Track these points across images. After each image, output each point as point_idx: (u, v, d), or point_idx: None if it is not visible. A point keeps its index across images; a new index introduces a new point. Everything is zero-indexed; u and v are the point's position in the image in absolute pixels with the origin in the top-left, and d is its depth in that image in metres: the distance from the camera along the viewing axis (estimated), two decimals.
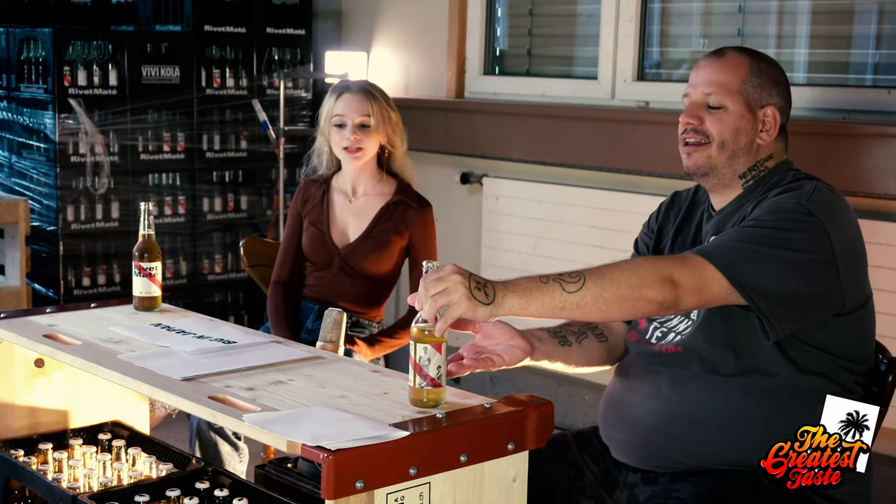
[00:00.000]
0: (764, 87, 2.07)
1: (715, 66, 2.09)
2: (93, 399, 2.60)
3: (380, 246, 3.02)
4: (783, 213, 1.94)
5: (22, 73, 4.66)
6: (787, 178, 2.07)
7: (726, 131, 2.06)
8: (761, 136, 2.07)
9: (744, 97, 2.06)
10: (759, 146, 2.08)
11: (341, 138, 3.00)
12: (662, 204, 2.32)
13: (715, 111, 2.07)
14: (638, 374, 2.13)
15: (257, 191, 5.07)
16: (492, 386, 4.42)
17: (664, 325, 2.15)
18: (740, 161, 2.08)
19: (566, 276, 1.83)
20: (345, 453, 1.61)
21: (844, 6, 3.62)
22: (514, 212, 4.31)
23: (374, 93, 3.01)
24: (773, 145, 2.10)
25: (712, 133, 2.07)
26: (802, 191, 1.99)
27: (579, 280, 1.82)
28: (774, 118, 2.07)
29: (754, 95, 2.07)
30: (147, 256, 2.54)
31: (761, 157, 2.09)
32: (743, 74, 2.07)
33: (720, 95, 2.07)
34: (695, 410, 2.02)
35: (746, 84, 2.06)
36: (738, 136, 2.07)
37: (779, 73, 2.11)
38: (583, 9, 4.38)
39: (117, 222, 4.68)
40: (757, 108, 2.07)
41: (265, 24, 5.01)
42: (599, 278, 1.83)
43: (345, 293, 3.03)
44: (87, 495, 2.15)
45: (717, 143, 2.07)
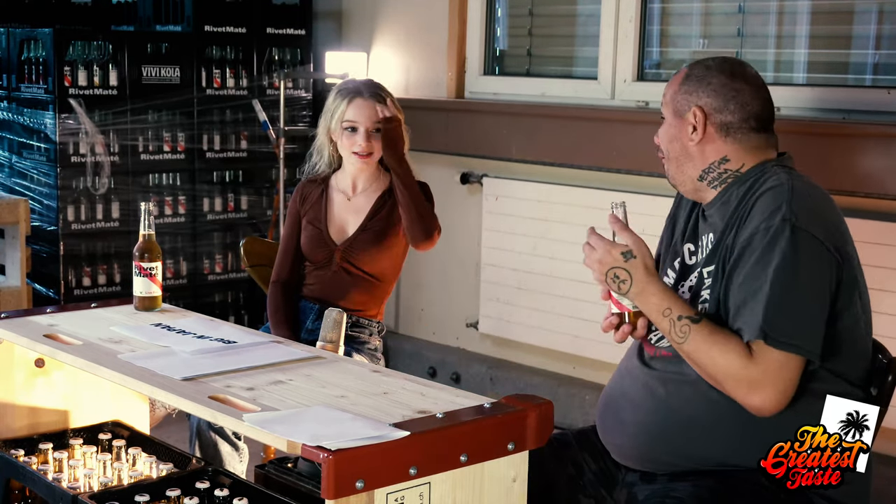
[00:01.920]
0: (691, 91, 2.12)
1: (668, 83, 2.19)
2: (93, 399, 2.61)
3: (378, 237, 3.02)
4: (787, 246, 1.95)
5: (22, 74, 4.66)
6: (768, 176, 2.05)
7: (664, 141, 2.17)
8: (692, 138, 2.10)
9: (673, 106, 2.14)
10: (697, 148, 2.10)
11: (352, 143, 2.99)
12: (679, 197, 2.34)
13: (663, 122, 2.18)
14: (634, 376, 2.14)
15: (257, 191, 5.07)
16: (492, 386, 4.42)
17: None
18: (687, 166, 2.13)
19: (685, 319, 1.97)
20: (345, 453, 1.61)
21: (844, 6, 3.62)
22: (514, 212, 4.31)
23: (384, 96, 3.01)
24: (719, 146, 2.09)
25: (661, 147, 2.18)
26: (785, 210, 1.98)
27: (686, 334, 1.97)
28: (700, 117, 2.09)
29: (681, 102, 2.13)
30: (147, 256, 2.54)
31: (712, 160, 2.10)
32: (676, 85, 2.15)
33: (663, 108, 2.18)
34: (690, 414, 2.02)
35: (678, 93, 2.14)
36: (672, 144, 2.15)
37: (712, 75, 2.11)
38: (583, 9, 4.38)
39: (117, 222, 4.69)
40: (684, 112, 2.12)
41: (265, 24, 5.01)
42: (699, 344, 1.95)
43: (345, 292, 3.03)
44: (87, 495, 2.15)
45: (665, 153, 2.18)
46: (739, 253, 1.98)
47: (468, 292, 4.56)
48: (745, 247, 1.98)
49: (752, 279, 1.95)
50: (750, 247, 1.97)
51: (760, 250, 1.95)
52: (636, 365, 2.15)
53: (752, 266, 1.96)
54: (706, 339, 1.95)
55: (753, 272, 1.95)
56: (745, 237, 1.98)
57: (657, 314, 2.00)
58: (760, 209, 1.99)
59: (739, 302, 1.96)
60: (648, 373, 2.10)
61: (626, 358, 2.21)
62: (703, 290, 2.06)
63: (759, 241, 1.96)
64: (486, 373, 4.47)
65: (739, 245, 1.99)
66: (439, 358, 4.66)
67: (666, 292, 2.01)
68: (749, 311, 1.94)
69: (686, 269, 2.17)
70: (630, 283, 2.01)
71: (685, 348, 1.97)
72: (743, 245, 1.98)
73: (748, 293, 1.95)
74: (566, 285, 4.11)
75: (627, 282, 2.01)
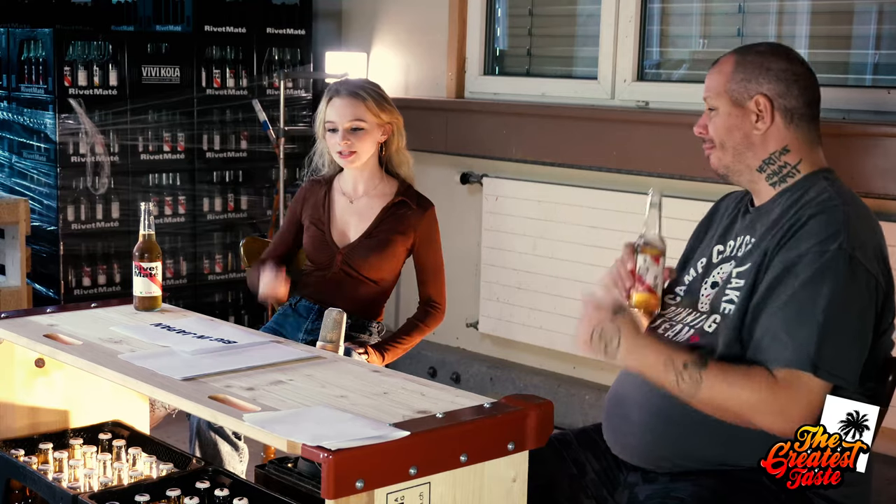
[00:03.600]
0: (749, 79, 2.08)
1: (710, 74, 2.15)
2: (93, 399, 2.61)
3: (381, 246, 3.02)
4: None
5: (22, 74, 4.66)
6: (818, 192, 2.02)
7: (721, 131, 2.11)
8: (757, 126, 2.07)
9: (729, 95, 2.09)
10: (761, 137, 2.07)
11: (334, 143, 3.00)
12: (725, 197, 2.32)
13: (713, 112, 2.12)
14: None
15: (257, 191, 5.07)
16: (492, 386, 4.42)
17: (674, 319, 2.15)
18: (748, 156, 2.09)
19: (687, 373, 1.92)
20: (345, 453, 1.61)
21: (844, 6, 3.62)
22: (514, 212, 4.31)
23: (363, 94, 2.99)
24: (782, 134, 2.07)
25: (714, 137, 2.12)
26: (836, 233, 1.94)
27: (698, 382, 1.91)
28: (765, 104, 2.06)
29: (739, 90, 2.08)
30: (147, 256, 2.54)
31: (773, 149, 2.08)
32: (727, 74, 2.10)
33: (712, 99, 2.12)
34: (693, 413, 2.02)
35: (731, 82, 2.09)
36: (731, 134, 2.10)
37: (769, 60, 2.08)
38: (583, 9, 4.38)
39: (117, 222, 4.68)
40: (745, 100, 2.08)
41: (265, 24, 5.00)
42: (714, 386, 1.90)
43: (345, 294, 3.03)
44: (87, 495, 2.15)
45: (718, 144, 2.12)
46: (784, 270, 1.94)
47: (468, 292, 4.56)
48: (791, 265, 1.93)
49: (798, 304, 1.90)
50: (797, 266, 1.92)
51: (811, 274, 1.91)
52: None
53: (799, 289, 1.91)
54: (723, 379, 1.90)
55: (801, 297, 1.90)
56: (793, 256, 1.94)
57: (659, 368, 1.94)
58: (814, 231, 1.94)
59: (780, 324, 1.91)
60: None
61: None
62: (729, 290, 2.04)
63: (810, 265, 1.91)
64: (486, 373, 4.47)
65: (785, 261, 1.94)
66: (439, 358, 4.66)
67: (660, 343, 1.98)
68: (794, 338, 1.89)
69: (710, 266, 2.16)
70: (618, 340, 1.95)
71: (701, 397, 1.91)
72: (789, 263, 1.94)
73: (793, 318, 1.90)
74: (566, 285, 4.11)
75: (615, 339, 1.96)
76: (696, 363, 1.92)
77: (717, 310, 2.07)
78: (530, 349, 4.36)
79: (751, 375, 1.90)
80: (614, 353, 1.96)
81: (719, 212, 2.28)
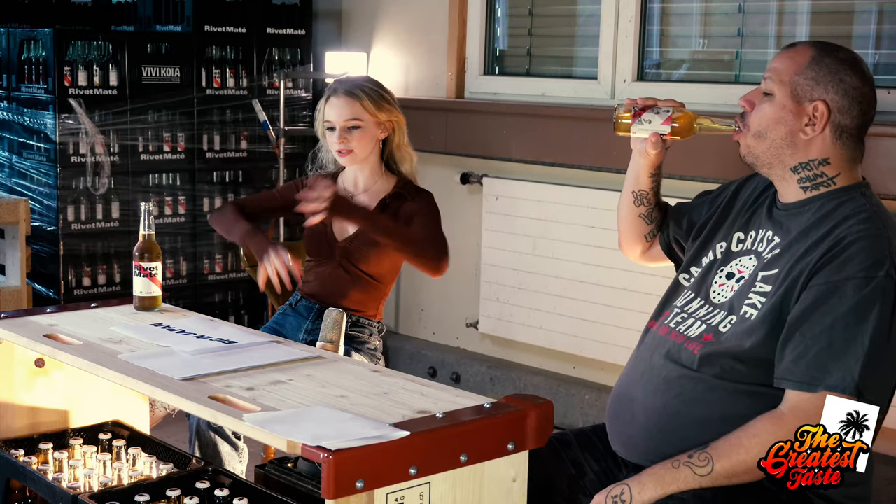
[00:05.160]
0: (819, 80, 2.00)
1: (781, 56, 2.07)
2: (93, 399, 2.61)
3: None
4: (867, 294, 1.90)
5: (22, 74, 4.66)
6: (856, 209, 2.00)
7: (766, 120, 2.04)
8: (805, 130, 2.01)
9: (792, 87, 2.02)
10: (805, 141, 2.02)
11: (332, 142, 3.02)
12: (743, 180, 2.27)
13: (767, 97, 2.05)
14: (648, 368, 2.13)
15: (257, 191, 5.05)
16: (492, 386, 4.42)
17: (686, 310, 2.14)
18: (785, 153, 2.04)
19: (695, 458, 1.94)
20: (345, 453, 1.61)
21: (844, 6, 3.62)
22: (514, 212, 4.31)
23: (359, 93, 3.00)
24: (827, 146, 2.02)
25: (750, 122, 2.06)
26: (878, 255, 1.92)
27: (708, 464, 1.92)
28: (823, 114, 2.00)
29: (805, 87, 2.01)
30: (147, 256, 2.54)
31: (813, 157, 2.03)
32: (800, 65, 2.02)
33: (772, 83, 2.04)
34: (698, 412, 2.02)
35: (800, 75, 2.02)
36: (776, 126, 2.03)
37: (848, 73, 2.00)
38: (583, 9, 4.38)
39: (117, 222, 4.68)
40: (805, 100, 2.01)
41: (265, 24, 5.00)
42: (727, 459, 1.92)
43: (344, 290, 3.03)
44: (87, 495, 2.15)
45: (753, 132, 2.05)
46: (828, 292, 1.91)
47: (468, 292, 4.56)
48: (836, 288, 1.90)
49: (845, 328, 1.89)
50: (842, 290, 1.90)
51: (858, 300, 1.89)
52: (653, 356, 2.13)
53: (847, 313, 1.89)
54: (727, 443, 1.92)
55: (849, 321, 1.89)
56: (838, 279, 1.91)
57: (673, 476, 1.95)
58: (859, 256, 1.91)
59: (824, 346, 1.90)
60: (664, 366, 2.09)
61: (643, 347, 2.20)
62: (753, 293, 2.03)
63: (856, 290, 1.89)
64: (486, 373, 4.47)
65: (829, 283, 1.91)
66: (439, 358, 4.66)
67: (656, 466, 1.99)
68: (839, 361, 1.88)
69: (729, 254, 2.14)
70: (628, 490, 1.98)
71: (719, 470, 1.92)
72: (833, 286, 1.91)
73: (839, 341, 1.89)
74: (566, 285, 4.11)
75: (626, 493, 1.98)
76: (697, 448, 1.95)
77: (734, 310, 2.05)
78: (530, 349, 4.36)
79: (755, 424, 1.92)
80: (629, 501, 1.97)
81: (742, 195, 2.22)
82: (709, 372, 2.03)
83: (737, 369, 2.01)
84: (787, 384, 1.92)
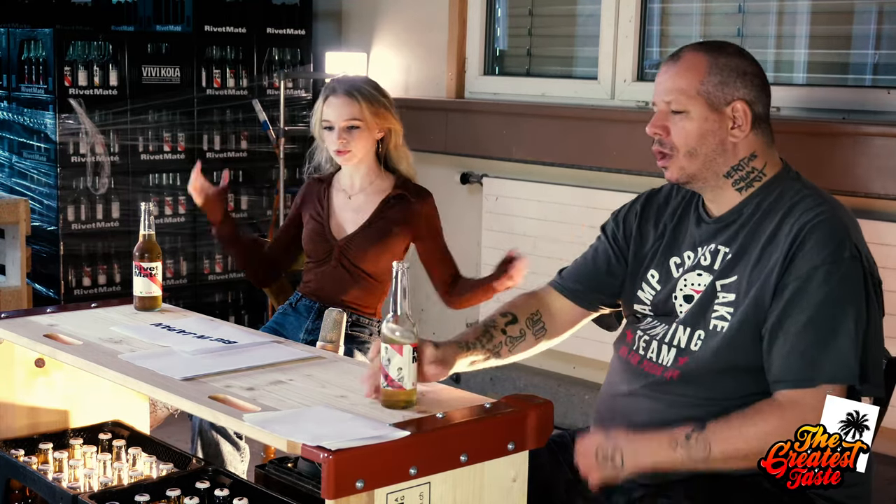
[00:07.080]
0: (726, 82, 1.99)
1: (671, 72, 2.04)
2: (93, 399, 2.61)
3: (379, 236, 3.02)
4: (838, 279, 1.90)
5: (22, 74, 4.66)
6: (797, 196, 1.99)
7: (692, 138, 2.00)
8: (733, 134, 2.00)
9: (705, 98, 1.99)
10: (735, 144, 2.01)
11: (331, 142, 3.02)
12: (637, 203, 2.24)
13: (678, 115, 2.02)
14: (627, 391, 2.11)
15: (257, 191, 5.07)
16: (492, 386, 4.42)
17: (649, 333, 2.11)
18: (718, 162, 2.02)
19: (692, 441, 1.90)
20: (345, 453, 1.61)
21: (844, 6, 3.62)
22: (514, 212, 4.31)
23: (357, 93, 3.00)
24: (750, 141, 2.01)
25: (677, 144, 2.02)
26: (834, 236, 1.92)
27: (707, 445, 1.89)
28: (745, 112, 1.99)
29: (716, 93, 1.99)
30: (147, 256, 2.54)
31: (742, 156, 2.02)
32: (701, 74, 1.99)
33: (681, 101, 2.01)
34: (693, 415, 2.00)
35: (706, 84, 1.99)
36: (705, 140, 2.00)
37: (744, 63, 2.01)
38: (583, 9, 4.38)
39: (117, 222, 4.69)
40: (722, 105, 1.99)
41: (265, 24, 5.01)
42: (725, 446, 1.89)
43: (343, 289, 3.04)
44: (87, 495, 2.15)
45: (684, 152, 2.02)
46: (800, 287, 1.90)
47: None
48: (805, 282, 1.89)
49: (826, 320, 1.88)
50: (812, 281, 1.89)
51: (831, 287, 1.88)
52: (629, 379, 2.11)
53: (822, 304, 1.88)
54: (727, 427, 1.89)
55: (826, 311, 1.88)
56: (805, 270, 1.90)
57: (668, 453, 1.91)
58: (820, 243, 1.91)
59: (811, 340, 1.89)
60: (642, 392, 2.07)
61: (617, 370, 2.18)
62: (718, 305, 2.01)
63: (827, 278, 1.88)
64: (486, 373, 4.47)
65: (798, 278, 1.90)
66: None
67: (655, 433, 1.95)
68: (825, 353, 1.88)
69: (670, 279, 2.12)
70: (620, 452, 1.94)
71: (716, 454, 1.89)
72: (803, 279, 1.90)
73: (826, 333, 1.88)
74: None
75: (617, 453, 1.94)
76: (696, 428, 1.91)
77: (700, 325, 2.03)
78: None
79: (755, 413, 1.89)
80: (621, 464, 1.93)
81: (649, 220, 2.19)
82: (695, 393, 2.01)
83: (724, 384, 1.99)
84: (783, 386, 1.91)
